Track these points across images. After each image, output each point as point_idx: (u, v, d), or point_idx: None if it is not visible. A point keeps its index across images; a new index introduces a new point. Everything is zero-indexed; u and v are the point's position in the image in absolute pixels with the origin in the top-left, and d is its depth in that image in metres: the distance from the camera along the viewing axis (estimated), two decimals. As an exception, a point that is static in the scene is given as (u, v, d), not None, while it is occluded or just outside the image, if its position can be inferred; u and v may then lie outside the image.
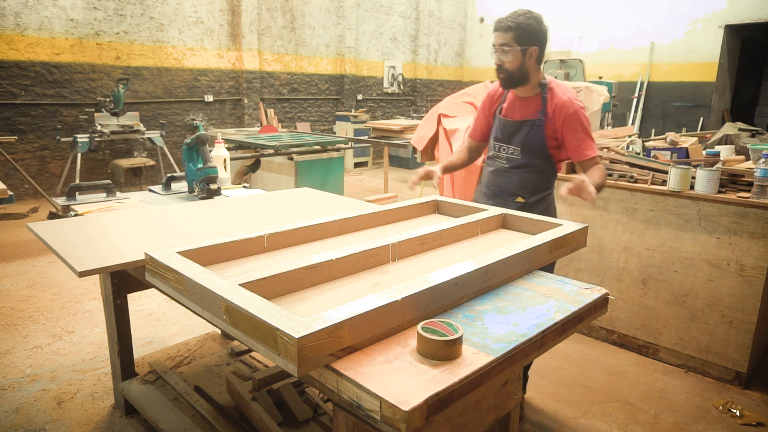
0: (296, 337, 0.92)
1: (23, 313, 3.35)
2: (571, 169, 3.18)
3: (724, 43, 8.63)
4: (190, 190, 2.50)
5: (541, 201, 2.25)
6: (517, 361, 1.12)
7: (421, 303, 1.17)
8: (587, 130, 2.12)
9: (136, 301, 3.52)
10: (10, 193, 3.23)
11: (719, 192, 2.63)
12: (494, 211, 1.92)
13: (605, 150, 3.21)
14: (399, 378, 0.96)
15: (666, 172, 2.80)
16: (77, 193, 2.32)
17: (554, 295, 1.37)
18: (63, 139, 6.14)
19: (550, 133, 2.15)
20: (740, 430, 2.35)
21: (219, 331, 2.92)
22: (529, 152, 2.18)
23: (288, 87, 9.31)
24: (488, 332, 1.15)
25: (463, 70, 12.84)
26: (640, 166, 2.95)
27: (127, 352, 2.32)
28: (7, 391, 2.50)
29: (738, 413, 2.44)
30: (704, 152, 3.20)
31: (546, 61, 8.56)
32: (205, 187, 2.40)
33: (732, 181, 2.71)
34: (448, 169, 2.40)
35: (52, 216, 4.14)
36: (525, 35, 2.04)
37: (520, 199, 2.23)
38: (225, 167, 2.78)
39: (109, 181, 2.40)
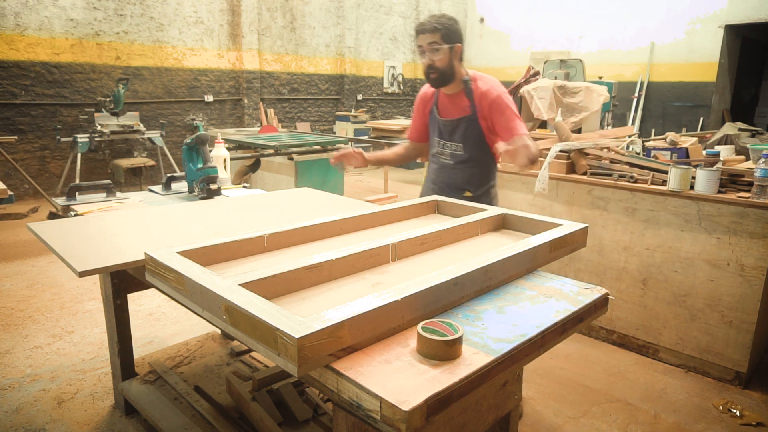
0: (296, 337, 0.92)
1: (23, 313, 3.35)
2: (571, 169, 3.19)
3: (724, 43, 8.63)
4: (190, 190, 2.50)
5: (486, 193, 2.39)
6: (517, 361, 1.12)
7: (421, 303, 1.17)
8: (513, 110, 2.23)
9: (136, 301, 3.52)
10: (10, 193, 3.23)
11: (719, 192, 2.63)
12: (494, 211, 1.92)
13: (605, 150, 3.21)
14: (399, 378, 0.96)
15: (666, 172, 2.80)
16: (77, 193, 2.32)
17: (554, 295, 1.37)
18: (63, 139, 6.14)
19: (484, 124, 2.27)
20: (740, 430, 2.35)
21: (219, 331, 2.92)
22: (471, 147, 2.29)
23: (288, 87, 9.32)
24: (488, 332, 1.15)
25: (463, 70, 12.82)
26: (640, 166, 2.95)
27: (127, 352, 2.32)
28: (7, 391, 2.50)
29: (738, 413, 2.44)
30: (704, 152, 3.20)
31: (546, 61, 8.56)
32: (205, 187, 2.40)
33: (732, 181, 2.71)
34: (378, 162, 2.58)
35: (52, 216, 4.14)
36: (449, 34, 2.19)
37: (467, 194, 2.35)
38: (225, 167, 2.78)
39: (109, 181, 2.40)
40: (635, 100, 9.42)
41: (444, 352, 1.03)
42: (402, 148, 2.61)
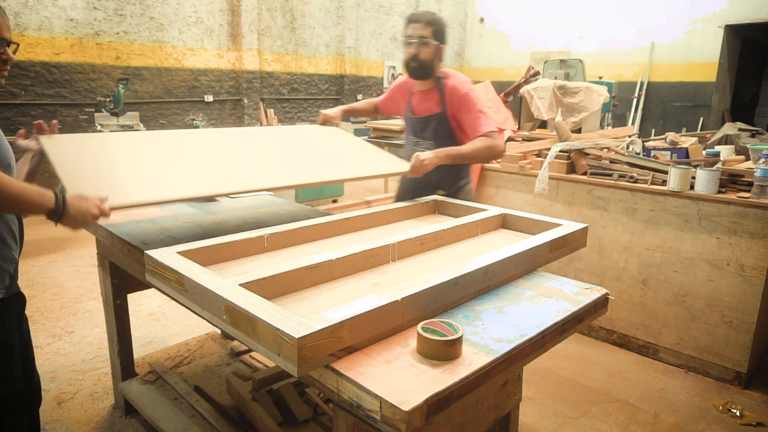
0: (296, 337, 0.92)
1: (23, 313, 3.35)
2: (571, 169, 3.19)
3: (724, 43, 8.63)
4: (190, 190, 2.50)
5: (459, 190, 2.40)
6: (517, 361, 1.12)
7: (421, 303, 1.17)
8: (480, 107, 2.24)
9: (136, 301, 3.51)
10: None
11: (719, 192, 2.63)
12: (494, 211, 1.92)
13: (605, 150, 3.21)
14: (399, 378, 0.96)
15: (666, 172, 2.80)
16: (77, 193, 2.31)
17: (554, 295, 1.37)
18: (63, 139, 6.13)
19: (455, 123, 2.30)
20: (740, 430, 2.35)
21: (219, 331, 2.92)
22: (442, 144, 2.26)
23: (288, 87, 9.31)
24: (488, 332, 1.15)
25: (463, 70, 12.82)
26: (640, 166, 2.95)
27: (127, 352, 2.32)
28: (7, 391, 2.50)
29: (738, 413, 2.44)
30: (704, 152, 3.20)
31: (546, 61, 8.56)
32: (205, 187, 2.39)
33: (732, 181, 2.71)
34: (349, 113, 2.68)
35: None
36: (440, 32, 2.25)
37: (441, 192, 2.35)
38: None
39: (109, 181, 2.39)
40: (635, 100, 9.42)
41: (444, 352, 1.03)
42: (372, 105, 2.73)
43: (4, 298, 1.47)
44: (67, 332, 3.12)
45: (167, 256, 1.32)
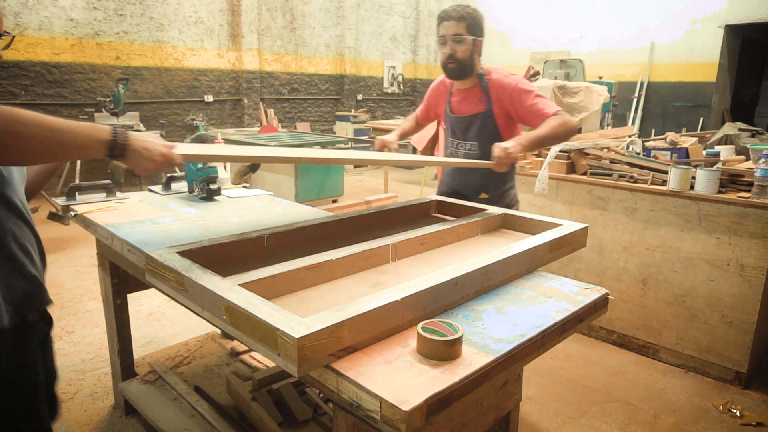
0: (296, 337, 0.92)
1: (23, 313, 3.35)
2: (571, 169, 3.19)
3: (724, 43, 8.63)
4: (190, 190, 2.50)
5: (503, 195, 2.29)
6: (517, 361, 1.12)
7: (421, 303, 1.17)
8: (536, 93, 2.10)
9: (136, 301, 3.51)
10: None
11: (719, 192, 2.63)
12: (494, 211, 1.92)
13: (605, 150, 3.21)
14: (399, 378, 0.96)
15: (666, 172, 2.80)
16: (77, 194, 2.32)
17: (554, 295, 1.37)
18: (63, 139, 6.13)
19: (502, 121, 2.18)
20: (740, 430, 2.35)
21: (219, 331, 2.92)
22: (486, 145, 2.18)
23: (288, 87, 9.32)
24: (488, 332, 1.15)
25: (463, 70, 12.82)
26: (640, 166, 2.95)
27: (127, 352, 2.32)
28: (7, 391, 2.50)
29: (738, 413, 2.44)
30: (704, 152, 3.20)
31: (546, 61, 8.56)
32: (205, 187, 2.40)
33: (732, 181, 2.71)
34: (403, 137, 2.55)
35: (52, 216, 4.13)
36: (475, 26, 2.11)
37: (483, 195, 2.26)
38: (225, 167, 2.78)
39: (109, 181, 2.40)
40: (635, 100, 9.42)
41: (444, 352, 1.03)
42: (414, 122, 2.60)
43: (18, 324, 1.22)
44: (67, 332, 3.12)
45: (167, 256, 1.32)
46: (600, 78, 8.43)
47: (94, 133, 1.08)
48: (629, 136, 3.75)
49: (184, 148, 1.34)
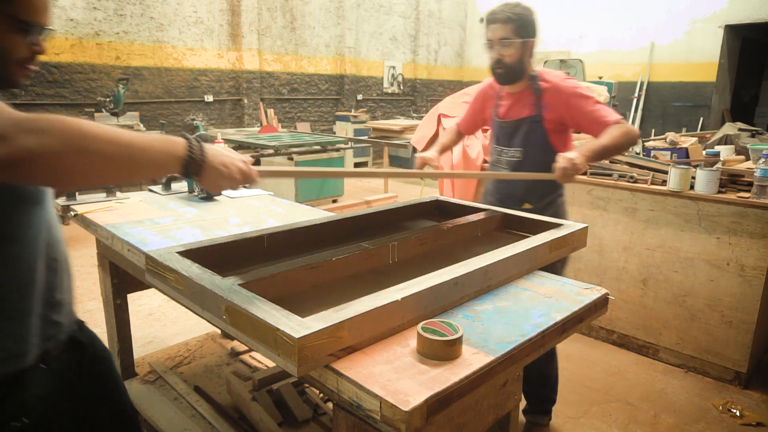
0: (296, 337, 0.92)
1: (23, 313, 3.35)
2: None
3: (724, 43, 8.63)
4: (191, 190, 2.50)
5: (549, 205, 2.14)
6: (517, 361, 1.12)
7: (421, 303, 1.17)
8: (595, 99, 1.98)
9: (136, 301, 3.51)
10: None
11: (719, 192, 2.63)
12: (494, 211, 1.92)
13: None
14: (399, 378, 0.96)
15: (666, 172, 2.80)
16: (77, 193, 2.32)
17: (554, 295, 1.37)
18: (63, 139, 6.12)
19: (552, 127, 2.06)
20: (740, 430, 2.35)
21: (219, 331, 2.92)
22: (532, 152, 2.09)
23: (288, 87, 9.31)
24: (488, 332, 1.15)
25: (463, 70, 12.84)
26: (640, 166, 2.95)
27: (127, 352, 2.32)
28: (7, 391, 2.50)
29: (738, 413, 2.44)
30: (704, 152, 3.20)
31: (546, 61, 8.56)
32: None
33: (732, 181, 2.71)
34: (443, 151, 2.41)
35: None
36: (524, 27, 1.97)
37: (527, 206, 2.12)
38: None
39: (109, 181, 2.39)
40: (635, 100, 9.42)
41: (444, 352, 1.03)
42: (454, 134, 2.45)
43: (27, 368, 1.01)
44: (67, 332, 3.12)
45: (167, 256, 1.32)
46: (600, 78, 8.44)
47: (168, 148, 0.92)
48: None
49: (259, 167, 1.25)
